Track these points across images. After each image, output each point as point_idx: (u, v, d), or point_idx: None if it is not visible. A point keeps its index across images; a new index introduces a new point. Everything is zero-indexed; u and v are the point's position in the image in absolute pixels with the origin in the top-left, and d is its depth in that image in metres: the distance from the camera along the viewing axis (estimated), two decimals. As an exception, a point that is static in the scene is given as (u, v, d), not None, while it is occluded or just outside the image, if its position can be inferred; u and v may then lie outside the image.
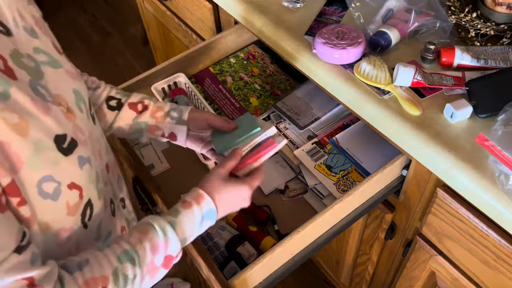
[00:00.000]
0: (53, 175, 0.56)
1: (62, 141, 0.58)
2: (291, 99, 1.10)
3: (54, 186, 0.56)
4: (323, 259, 1.52)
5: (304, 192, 0.99)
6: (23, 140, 0.52)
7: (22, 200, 0.53)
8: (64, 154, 0.58)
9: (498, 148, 0.68)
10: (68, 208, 0.60)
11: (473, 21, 0.89)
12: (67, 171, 0.58)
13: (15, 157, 0.52)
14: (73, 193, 0.59)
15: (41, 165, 0.55)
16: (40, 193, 0.55)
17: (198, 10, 1.37)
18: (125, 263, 0.60)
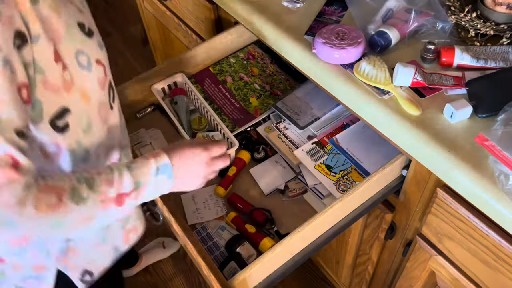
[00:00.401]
0: (84, 50, 0.68)
1: (83, 27, 0.69)
2: (291, 99, 1.10)
3: (86, 59, 0.68)
4: (323, 259, 1.52)
5: (304, 192, 0.99)
6: (59, 18, 0.64)
7: (64, 66, 0.64)
8: (88, 36, 0.69)
9: (498, 148, 0.68)
10: (99, 81, 0.71)
11: (473, 21, 0.89)
12: (93, 49, 0.70)
13: (55, 30, 0.63)
14: (99, 68, 0.71)
15: (73, 40, 0.66)
16: (78, 63, 0.67)
17: (198, 10, 1.37)
18: (82, 184, 0.64)
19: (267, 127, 1.10)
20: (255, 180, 1.02)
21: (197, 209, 0.98)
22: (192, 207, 0.98)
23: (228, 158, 0.79)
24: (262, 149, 1.06)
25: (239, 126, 1.08)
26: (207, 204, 0.99)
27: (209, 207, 0.98)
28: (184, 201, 0.99)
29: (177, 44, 1.73)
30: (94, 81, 0.70)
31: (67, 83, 0.65)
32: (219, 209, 0.98)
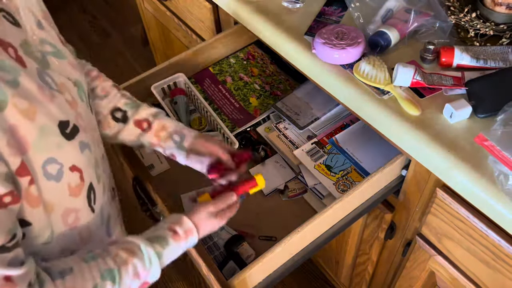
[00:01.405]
0: (57, 157, 0.60)
1: (65, 127, 0.62)
2: (290, 99, 1.10)
3: (57, 168, 0.60)
4: (323, 259, 1.52)
5: (304, 192, 0.99)
6: (30, 124, 0.56)
7: (32, 180, 0.57)
8: (67, 139, 0.62)
9: (498, 148, 0.68)
10: (70, 189, 0.63)
11: (473, 21, 0.89)
12: (69, 154, 0.62)
13: (23, 139, 0.55)
14: (74, 175, 0.63)
15: (45, 148, 0.58)
16: (45, 174, 0.58)
17: (198, 10, 1.37)
18: (106, 281, 0.62)
19: (267, 127, 1.10)
20: (255, 180, 1.02)
21: (197, 209, 0.98)
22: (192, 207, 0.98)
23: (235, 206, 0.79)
24: (262, 149, 1.07)
25: (239, 126, 1.08)
26: (207, 204, 0.99)
27: (209, 207, 0.98)
28: (184, 202, 1.00)
29: (177, 44, 1.73)
30: (62, 191, 0.62)
31: (33, 198, 0.58)
32: (219, 209, 0.98)
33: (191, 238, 0.72)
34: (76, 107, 0.66)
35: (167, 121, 0.86)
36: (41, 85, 0.59)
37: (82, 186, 0.65)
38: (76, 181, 0.64)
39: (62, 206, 0.63)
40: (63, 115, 0.61)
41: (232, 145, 1.00)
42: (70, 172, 0.62)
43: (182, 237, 0.71)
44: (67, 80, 0.66)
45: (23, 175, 0.55)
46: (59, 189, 0.61)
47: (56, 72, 0.64)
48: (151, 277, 0.68)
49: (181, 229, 0.71)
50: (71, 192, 0.63)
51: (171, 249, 0.70)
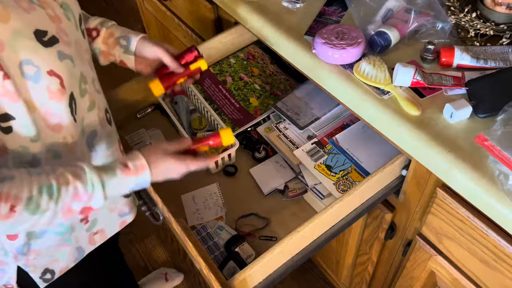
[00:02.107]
0: (32, 59, 0.64)
1: (42, 35, 0.65)
2: (291, 99, 1.10)
3: (34, 69, 0.64)
4: (323, 259, 1.52)
5: (304, 192, 0.99)
6: (3, 25, 0.60)
7: (6, 75, 0.61)
8: (44, 45, 0.65)
9: (498, 148, 0.68)
10: (50, 93, 0.67)
11: (473, 21, 0.89)
12: (46, 59, 0.65)
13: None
14: (53, 80, 0.67)
15: (20, 49, 0.62)
16: (22, 73, 0.63)
17: (198, 10, 1.37)
18: (43, 195, 0.64)
19: (267, 127, 1.10)
20: (255, 180, 1.02)
21: (197, 210, 0.98)
22: (193, 207, 0.99)
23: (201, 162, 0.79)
24: (263, 148, 1.07)
25: (239, 126, 1.08)
26: (206, 204, 0.99)
27: (209, 207, 0.98)
28: (184, 202, 1.00)
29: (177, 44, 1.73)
30: (42, 92, 0.66)
31: (9, 93, 0.62)
32: (218, 209, 0.98)
33: (142, 174, 0.72)
34: (59, 23, 0.69)
35: (115, 28, 0.89)
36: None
37: (64, 92, 0.69)
38: (56, 86, 0.67)
39: (44, 107, 0.67)
40: (41, 25, 0.65)
41: (233, 145, 1.01)
42: (48, 76, 0.66)
43: (132, 171, 0.71)
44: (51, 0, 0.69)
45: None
46: (38, 90, 0.65)
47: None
48: (93, 203, 0.68)
49: (132, 164, 0.71)
50: (52, 96, 0.67)
51: (118, 181, 0.70)
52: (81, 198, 0.67)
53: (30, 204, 0.63)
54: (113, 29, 0.89)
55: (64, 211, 0.66)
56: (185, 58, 0.90)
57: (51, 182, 0.65)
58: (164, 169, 0.74)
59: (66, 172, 0.67)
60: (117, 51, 0.88)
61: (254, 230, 0.95)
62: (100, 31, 0.88)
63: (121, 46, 0.88)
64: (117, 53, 0.89)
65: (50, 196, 0.64)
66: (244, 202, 0.99)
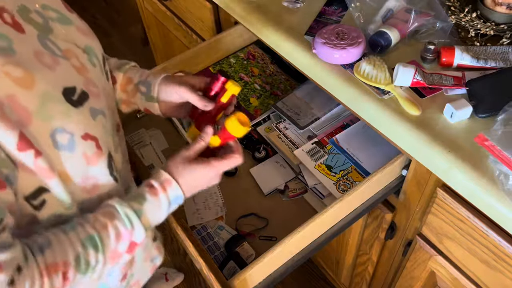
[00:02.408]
0: (65, 126, 0.57)
1: (72, 93, 0.58)
2: (291, 99, 1.10)
3: (68, 137, 0.57)
4: (323, 259, 1.52)
5: (304, 192, 0.99)
6: (29, 92, 0.53)
7: (37, 152, 0.54)
8: (74, 106, 0.58)
9: (498, 148, 0.68)
10: (87, 158, 0.60)
11: (473, 21, 0.89)
12: (79, 122, 0.59)
13: (22, 110, 0.52)
14: (89, 144, 0.60)
15: (50, 117, 0.55)
16: (54, 144, 0.56)
17: (198, 10, 1.37)
18: (88, 249, 0.59)
19: (267, 127, 1.10)
20: (255, 180, 1.02)
21: (197, 210, 0.98)
22: (193, 207, 0.99)
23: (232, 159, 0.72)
24: (263, 148, 1.06)
25: (239, 126, 1.08)
26: (206, 204, 0.99)
27: (209, 207, 0.98)
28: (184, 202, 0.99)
29: (177, 44, 1.73)
30: (78, 161, 0.60)
31: (43, 170, 0.56)
32: (218, 208, 0.98)
33: (170, 189, 0.67)
34: (86, 73, 0.63)
35: (133, 72, 0.79)
36: (41, 51, 0.57)
37: (101, 154, 0.62)
38: (92, 149, 0.61)
39: (80, 174, 0.61)
40: (68, 81, 0.58)
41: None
42: (83, 141, 0.59)
43: (159, 190, 0.67)
44: (74, 47, 0.63)
45: (25, 149, 0.53)
46: (74, 159, 0.59)
47: (61, 39, 0.61)
48: (136, 237, 0.65)
49: (156, 182, 0.67)
50: (89, 161, 0.61)
51: (151, 205, 0.66)
52: (124, 237, 0.63)
53: (80, 264, 0.58)
54: (130, 73, 0.79)
55: (112, 257, 0.63)
56: (213, 89, 0.78)
57: (90, 233, 0.60)
58: (192, 179, 0.69)
59: (99, 216, 0.62)
60: (138, 99, 0.79)
61: (254, 230, 0.95)
62: (117, 77, 0.79)
63: (142, 94, 0.78)
64: (138, 101, 0.79)
65: (95, 249, 0.60)
66: (244, 202, 0.99)
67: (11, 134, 0.51)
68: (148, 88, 0.77)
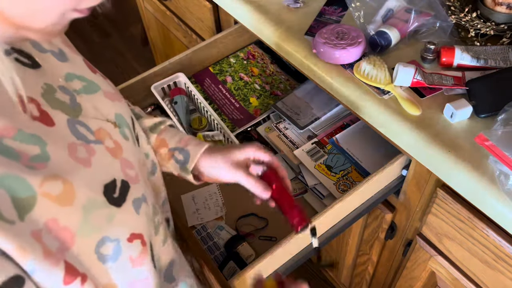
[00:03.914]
0: (109, 234, 0.46)
1: (113, 190, 0.48)
2: (291, 99, 1.10)
3: (113, 246, 0.47)
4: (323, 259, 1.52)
5: (304, 192, 0.99)
6: (70, 209, 0.43)
7: (84, 277, 0.44)
8: (117, 205, 0.48)
9: (498, 148, 0.68)
10: (133, 262, 0.50)
11: (473, 21, 0.89)
12: (124, 223, 0.48)
13: (64, 232, 0.42)
14: (135, 245, 0.50)
15: (93, 230, 0.45)
16: (99, 258, 0.46)
17: (198, 10, 1.37)
18: None
19: (267, 127, 1.10)
20: (255, 180, 1.02)
21: (197, 210, 0.98)
22: (192, 207, 0.98)
23: None
24: (262, 149, 1.06)
25: (239, 126, 1.08)
26: (206, 204, 0.99)
27: (209, 207, 0.98)
28: (184, 202, 0.99)
29: (177, 44, 1.73)
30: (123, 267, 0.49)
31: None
32: (218, 209, 0.98)
33: None
34: (121, 153, 0.52)
35: (168, 134, 0.69)
36: (74, 144, 0.46)
37: (146, 251, 0.52)
38: (138, 249, 0.50)
39: (126, 280, 0.51)
40: (106, 174, 0.48)
41: (232, 145, 1.00)
42: (128, 243, 0.49)
43: None
44: (105, 122, 0.52)
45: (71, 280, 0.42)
46: (119, 268, 0.49)
47: (91, 116, 0.51)
48: None
49: None
50: (135, 264, 0.51)
51: None
52: None
53: None
54: (166, 135, 0.68)
55: None
56: None
57: None
58: None
59: None
60: (172, 166, 0.68)
61: (254, 230, 0.94)
62: (150, 138, 0.68)
63: (177, 162, 0.67)
64: (172, 167, 0.68)
65: None
66: (244, 202, 0.99)
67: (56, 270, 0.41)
68: (186, 158, 0.67)
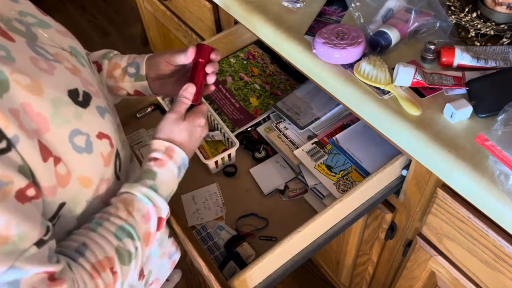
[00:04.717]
0: (80, 128, 0.56)
1: (76, 95, 0.57)
2: (291, 99, 1.10)
3: (85, 138, 0.56)
4: (323, 259, 1.52)
5: (304, 192, 0.99)
6: (41, 99, 0.52)
7: (56, 159, 0.53)
8: (83, 107, 0.58)
9: (498, 148, 0.68)
10: (104, 159, 0.60)
11: (473, 21, 0.89)
12: (91, 122, 0.58)
13: (39, 117, 0.51)
14: (104, 143, 0.59)
15: (66, 121, 0.55)
16: (74, 148, 0.55)
17: (198, 10, 1.37)
18: (124, 240, 0.59)
19: (267, 127, 1.10)
20: (255, 180, 1.02)
21: (197, 210, 0.98)
22: (192, 207, 0.98)
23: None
24: (263, 148, 1.06)
25: (239, 126, 1.08)
26: (207, 204, 0.99)
27: (209, 207, 0.98)
28: (184, 202, 0.99)
29: (177, 44, 1.73)
30: (97, 161, 0.59)
31: (62, 178, 0.54)
32: (218, 209, 0.98)
33: (175, 155, 0.68)
34: (80, 74, 0.62)
35: (119, 58, 0.79)
36: (35, 57, 0.55)
37: (112, 153, 0.62)
38: (107, 148, 0.60)
39: (98, 178, 0.60)
40: (69, 84, 0.57)
41: (233, 145, 1.00)
42: (98, 140, 0.58)
43: (165, 160, 0.67)
44: (61, 50, 0.62)
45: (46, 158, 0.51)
46: (94, 161, 0.58)
47: (47, 43, 0.60)
48: (162, 211, 0.65)
49: (158, 153, 0.67)
50: (105, 162, 0.60)
51: (163, 176, 0.66)
52: (151, 216, 0.63)
53: (122, 256, 0.58)
54: (116, 59, 0.79)
55: (147, 240, 0.63)
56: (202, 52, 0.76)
57: (119, 224, 0.59)
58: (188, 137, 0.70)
59: (118, 205, 0.61)
60: (127, 82, 0.79)
61: (254, 230, 0.94)
62: (103, 65, 0.79)
63: (131, 75, 0.78)
64: (127, 84, 0.79)
65: (130, 237, 0.60)
66: (244, 202, 0.99)
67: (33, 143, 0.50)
68: (137, 68, 0.77)
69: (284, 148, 1.03)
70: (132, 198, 0.63)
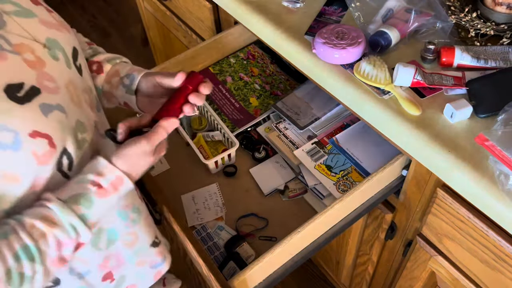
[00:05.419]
0: (6, 124, 0.54)
1: (17, 90, 0.56)
2: (291, 99, 1.10)
3: (12, 135, 0.54)
4: (323, 259, 1.52)
5: (304, 192, 0.99)
6: None
7: None
8: (19, 103, 0.56)
9: (498, 148, 0.68)
10: (38, 158, 0.57)
11: (473, 21, 0.89)
12: (26, 119, 0.56)
13: None
14: (39, 142, 0.57)
15: None
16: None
17: (198, 10, 1.37)
18: (22, 261, 0.55)
19: (267, 127, 1.10)
20: (255, 180, 1.02)
21: (197, 210, 0.98)
22: (192, 208, 0.98)
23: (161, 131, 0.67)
24: (263, 148, 1.06)
25: (239, 127, 1.08)
26: (206, 204, 0.99)
27: (209, 207, 0.98)
28: (184, 202, 0.99)
29: (177, 44, 1.73)
30: (26, 160, 0.56)
31: None
32: (218, 209, 0.98)
33: (122, 187, 0.63)
34: (42, 68, 0.60)
35: (122, 66, 0.78)
36: None
37: (52, 153, 0.59)
38: (44, 148, 0.57)
39: (30, 176, 0.58)
40: (14, 77, 0.56)
41: (232, 145, 1.00)
42: (31, 138, 0.56)
43: (109, 190, 0.62)
44: (30, 41, 0.60)
45: None
46: (21, 159, 0.56)
47: (14, 33, 0.59)
48: (82, 239, 0.60)
49: (104, 181, 0.61)
50: (40, 161, 0.57)
51: (100, 206, 0.61)
52: (67, 245, 0.59)
53: (12, 278, 0.53)
54: (119, 67, 0.77)
55: (55, 264, 0.58)
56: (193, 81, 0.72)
57: (26, 243, 0.55)
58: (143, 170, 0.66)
59: (37, 221, 0.57)
60: (119, 92, 0.77)
61: (254, 230, 0.94)
62: (104, 67, 0.78)
63: (124, 86, 0.76)
64: (119, 93, 0.77)
65: (31, 259, 0.55)
66: (244, 202, 0.99)
67: None
68: (131, 81, 0.75)
69: (284, 148, 1.03)
70: (55, 222, 0.58)
